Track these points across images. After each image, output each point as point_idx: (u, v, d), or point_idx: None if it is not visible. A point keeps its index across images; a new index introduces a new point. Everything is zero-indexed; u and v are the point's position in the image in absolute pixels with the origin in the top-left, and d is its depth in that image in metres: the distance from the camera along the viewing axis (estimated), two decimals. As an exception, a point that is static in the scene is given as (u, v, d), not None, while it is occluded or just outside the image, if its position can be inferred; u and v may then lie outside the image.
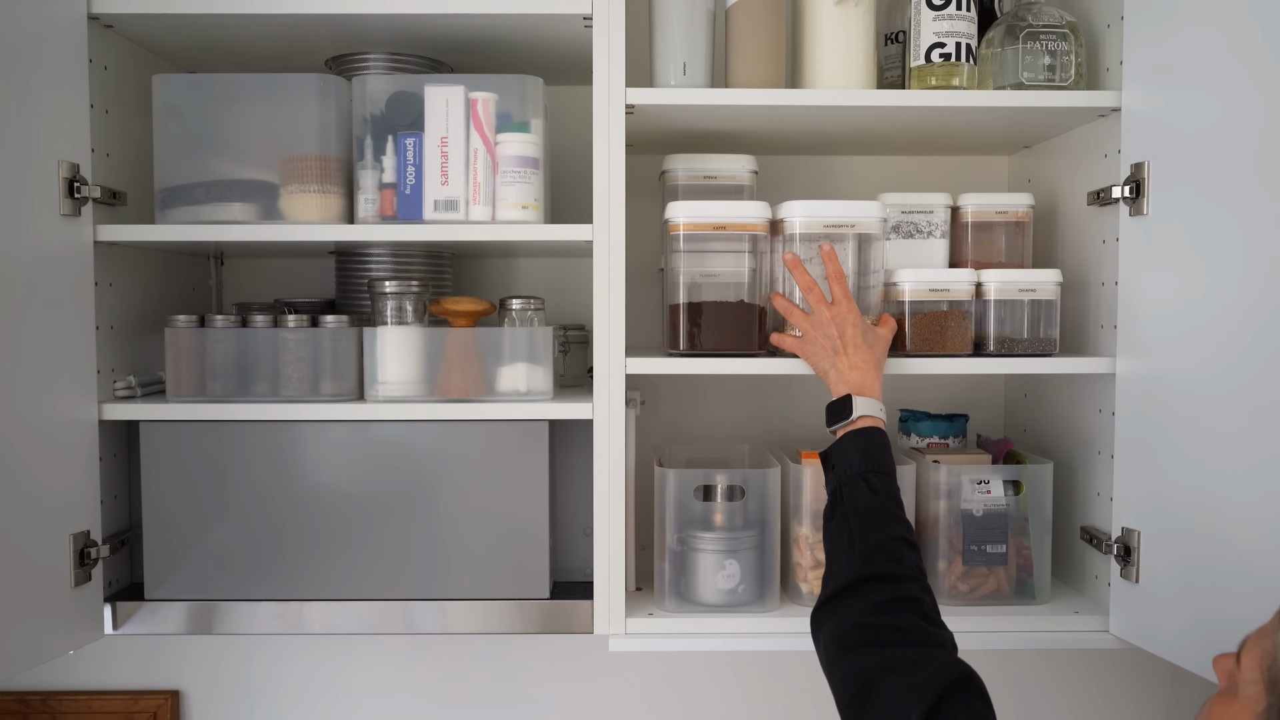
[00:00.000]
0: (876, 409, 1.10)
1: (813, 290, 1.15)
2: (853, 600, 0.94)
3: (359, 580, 1.22)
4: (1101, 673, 1.59)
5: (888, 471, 1.05)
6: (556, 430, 1.24)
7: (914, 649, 0.89)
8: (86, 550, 1.16)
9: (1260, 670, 0.70)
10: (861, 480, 1.03)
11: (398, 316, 1.23)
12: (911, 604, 0.93)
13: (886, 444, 1.08)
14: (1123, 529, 1.19)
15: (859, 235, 1.22)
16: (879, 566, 0.96)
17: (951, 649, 0.91)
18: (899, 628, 0.91)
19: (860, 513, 1.01)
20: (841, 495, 1.04)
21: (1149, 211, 1.14)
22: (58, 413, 1.12)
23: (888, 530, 0.99)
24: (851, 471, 1.05)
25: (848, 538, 1.00)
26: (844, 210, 1.21)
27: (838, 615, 0.94)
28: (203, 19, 1.19)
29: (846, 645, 0.92)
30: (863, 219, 1.21)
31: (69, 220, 1.13)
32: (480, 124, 1.19)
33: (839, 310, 1.14)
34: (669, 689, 1.59)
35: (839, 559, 1.00)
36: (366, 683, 1.59)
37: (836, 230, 1.21)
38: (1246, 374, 0.99)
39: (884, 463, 1.05)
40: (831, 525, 1.04)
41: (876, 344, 1.15)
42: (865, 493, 1.02)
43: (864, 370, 1.12)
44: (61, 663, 1.56)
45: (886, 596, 0.93)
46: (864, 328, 1.14)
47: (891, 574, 0.95)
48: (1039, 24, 1.23)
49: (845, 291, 1.15)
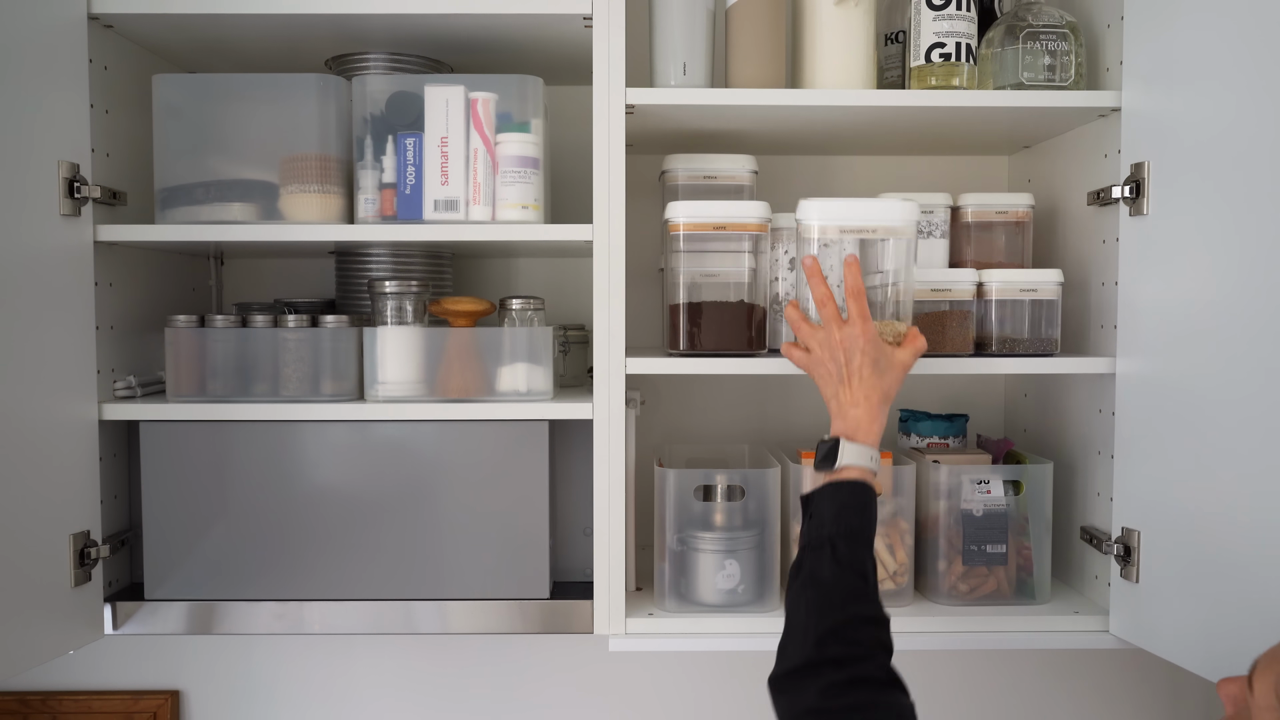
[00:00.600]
0: (866, 458, 1.01)
1: (827, 304, 1.06)
2: (806, 683, 0.90)
3: (359, 580, 1.22)
4: (1101, 673, 1.59)
5: (858, 536, 0.97)
6: (556, 430, 1.24)
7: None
8: (86, 550, 1.16)
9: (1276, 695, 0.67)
10: (828, 546, 0.96)
11: (398, 316, 1.23)
12: (865, 684, 0.89)
13: (867, 502, 1.00)
14: (1123, 529, 1.19)
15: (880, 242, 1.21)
16: (832, 650, 0.90)
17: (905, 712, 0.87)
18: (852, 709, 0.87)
19: (820, 586, 0.95)
20: (805, 559, 0.98)
21: (1149, 211, 1.14)
22: (58, 413, 1.12)
23: (846, 610, 0.93)
24: (821, 534, 0.97)
25: (804, 612, 0.94)
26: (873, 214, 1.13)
27: (789, 695, 0.91)
28: (203, 19, 1.19)
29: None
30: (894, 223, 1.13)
31: (69, 220, 1.13)
32: (480, 124, 1.19)
33: (851, 332, 1.04)
34: (669, 689, 1.59)
35: (795, 631, 0.95)
36: (366, 683, 1.59)
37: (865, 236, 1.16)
38: (1247, 374, 0.99)
39: (856, 525, 0.98)
40: (793, 587, 0.97)
41: (889, 372, 1.05)
42: (829, 562, 0.95)
43: (866, 406, 1.03)
44: (61, 663, 1.56)
45: (839, 679, 0.89)
46: (876, 354, 1.04)
47: (846, 656, 0.90)
48: (1039, 24, 1.23)
49: (862, 309, 1.05)
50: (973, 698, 1.59)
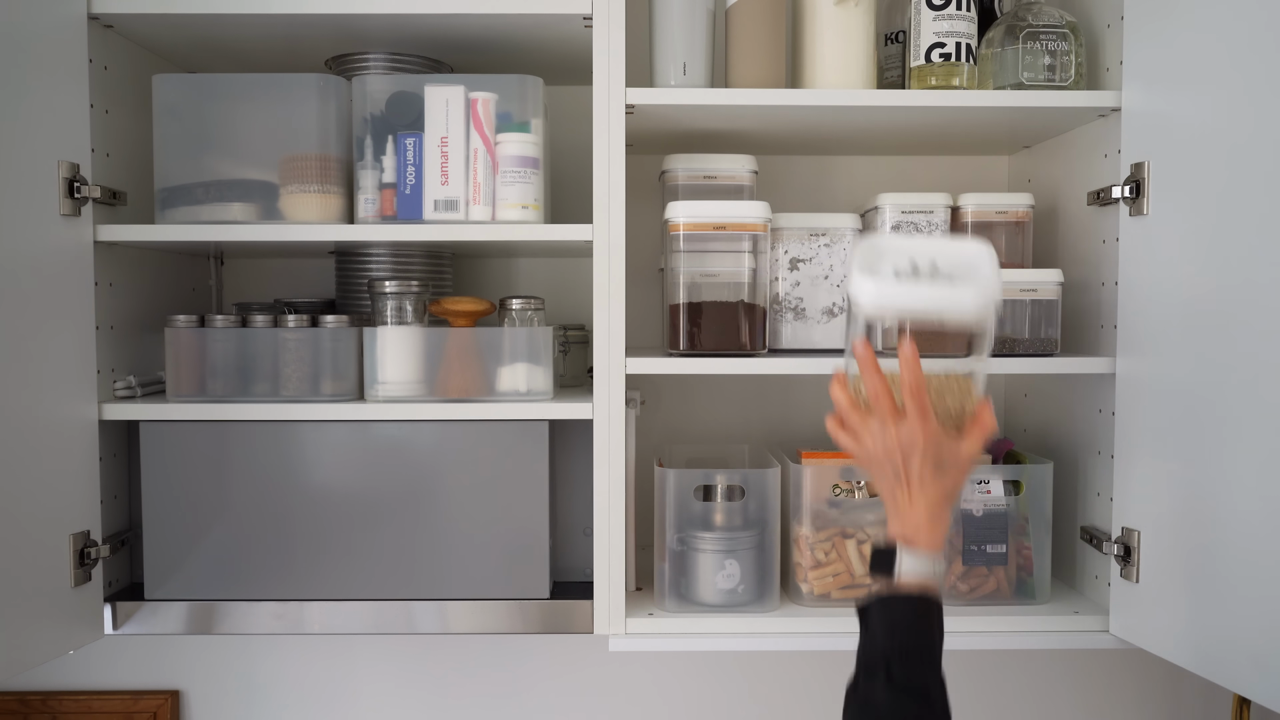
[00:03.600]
0: (928, 568, 0.92)
1: (881, 400, 0.93)
2: None
3: (359, 580, 1.22)
4: (1101, 673, 1.59)
5: (916, 655, 0.89)
6: (556, 430, 1.24)
7: None
8: (86, 550, 1.16)
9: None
10: (883, 670, 0.89)
11: (398, 316, 1.23)
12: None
13: (927, 617, 0.91)
14: (1123, 529, 1.19)
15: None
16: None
17: None
18: None
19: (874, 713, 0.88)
20: (860, 682, 0.91)
21: (1149, 211, 1.14)
22: (58, 413, 1.12)
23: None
24: (875, 655, 0.90)
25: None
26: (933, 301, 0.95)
27: None
28: (203, 19, 1.19)
29: None
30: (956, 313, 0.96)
31: (69, 220, 1.13)
32: (480, 124, 1.19)
33: (909, 430, 0.92)
34: (669, 689, 1.59)
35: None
36: (366, 683, 1.59)
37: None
38: (1247, 374, 0.99)
39: (913, 644, 0.89)
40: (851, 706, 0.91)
41: (953, 469, 0.93)
42: (883, 688, 0.88)
43: (926, 508, 0.92)
44: (61, 663, 1.56)
45: None
46: (939, 451, 0.92)
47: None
48: (1039, 24, 1.23)
49: (923, 405, 0.92)
50: (973, 698, 1.59)
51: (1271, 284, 0.96)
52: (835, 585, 1.26)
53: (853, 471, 1.26)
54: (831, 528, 1.26)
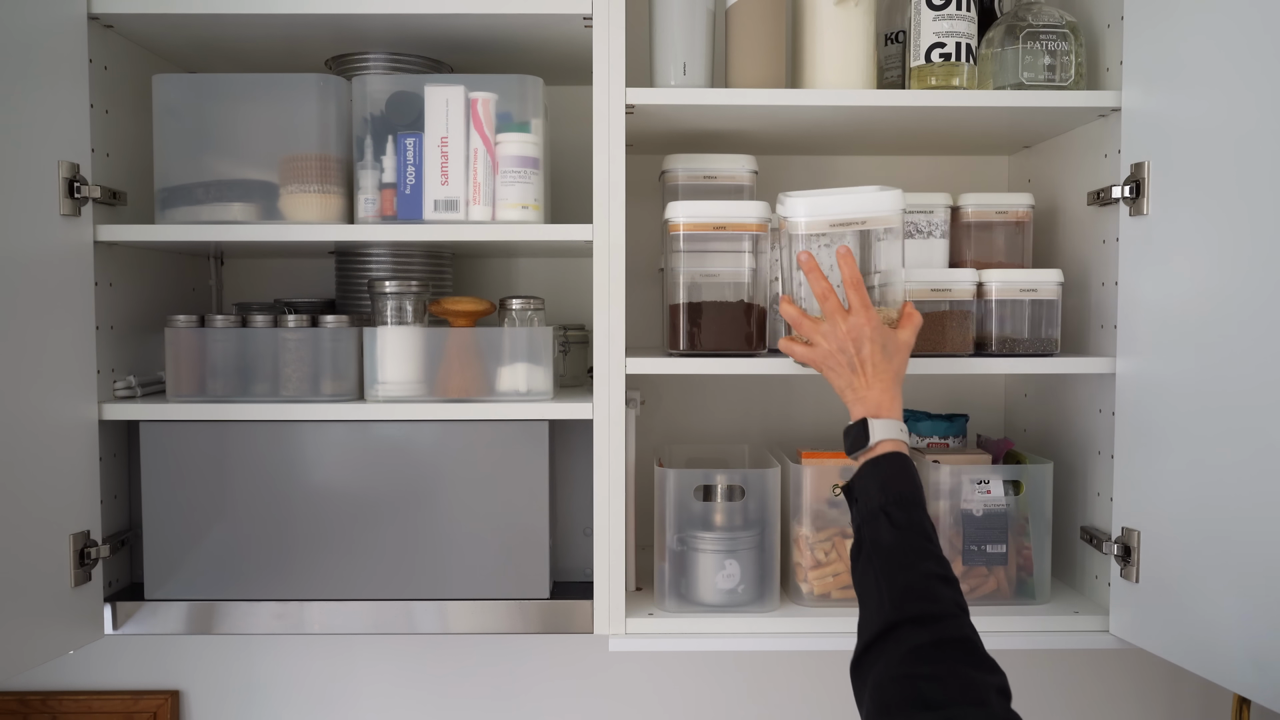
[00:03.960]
0: (897, 430, 1.03)
1: (829, 298, 1.07)
2: (890, 648, 0.86)
3: (359, 580, 1.22)
4: (1101, 673, 1.59)
5: (911, 501, 0.97)
6: (556, 430, 1.24)
7: (955, 707, 0.79)
8: (86, 550, 1.16)
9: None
10: (882, 514, 0.96)
11: (398, 316, 1.23)
12: (952, 647, 0.85)
13: (909, 469, 1.00)
14: (1123, 529, 1.19)
15: (859, 234, 1.21)
16: (911, 608, 0.88)
17: (998, 696, 0.81)
18: (940, 678, 0.82)
19: (884, 551, 0.94)
20: (864, 534, 0.97)
21: (1149, 211, 1.14)
22: (58, 413, 1.12)
23: (917, 569, 0.91)
24: (872, 506, 0.97)
25: (874, 579, 0.92)
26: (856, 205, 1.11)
27: (876, 666, 0.86)
28: (203, 19, 1.19)
29: (883, 704, 0.82)
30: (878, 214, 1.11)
31: (69, 220, 1.13)
32: (480, 124, 1.19)
33: (856, 322, 1.05)
34: (669, 689, 1.59)
35: (869, 603, 0.92)
36: (366, 683, 1.59)
37: (850, 229, 1.19)
38: (1247, 373, 0.99)
39: (906, 492, 0.98)
40: (858, 566, 0.96)
41: (897, 354, 1.07)
42: (887, 528, 0.95)
43: (882, 388, 1.04)
44: (61, 663, 1.56)
45: (924, 640, 0.85)
46: (883, 339, 1.06)
47: (926, 614, 0.87)
48: (1039, 24, 1.23)
49: (864, 299, 1.06)
50: (973, 698, 1.59)
51: (1272, 283, 0.96)
52: (835, 585, 1.26)
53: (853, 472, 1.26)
54: (831, 528, 1.26)
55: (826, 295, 1.07)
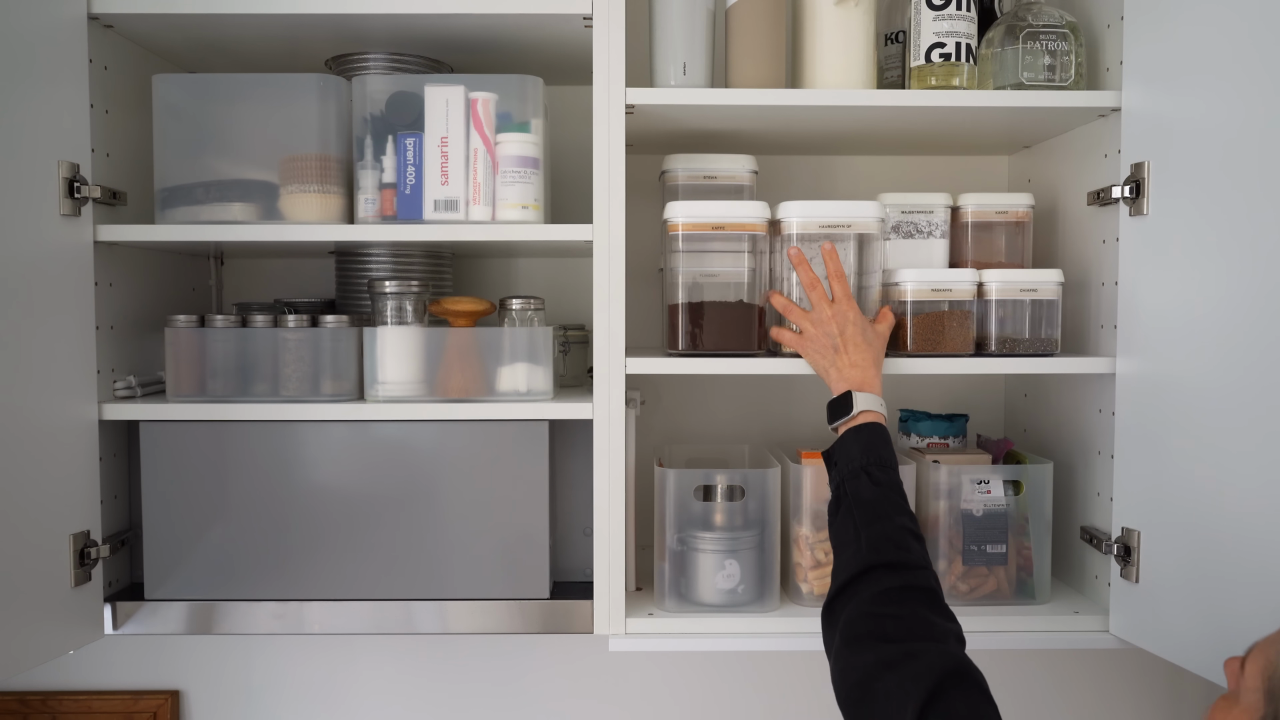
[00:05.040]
0: (877, 404, 1.11)
1: (815, 287, 1.17)
2: (861, 588, 0.95)
3: (359, 580, 1.22)
4: (1101, 673, 1.59)
5: (890, 465, 1.06)
6: (556, 430, 1.24)
7: (914, 643, 0.88)
8: (86, 550, 1.16)
9: (1261, 679, 0.72)
10: (864, 473, 1.04)
11: (398, 316, 1.23)
12: (918, 593, 0.93)
13: (887, 438, 1.09)
14: (1123, 529, 1.19)
15: (858, 235, 1.22)
16: (886, 554, 0.96)
17: (956, 642, 0.90)
18: (901, 618, 0.91)
19: (864, 504, 1.02)
20: (845, 489, 1.05)
21: (1149, 211, 1.14)
22: (58, 413, 1.12)
23: (893, 520, 1.00)
24: (854, 466, 1.06)
25: (853, 529, 1.00)
26: (842, 210, 1.21)
27: (848, 606, 0.94)
28: (203, 19, 1.19)
29: (850, 636, 0.91)
30: (860, 219, 1.21)
31: (69, 220, 1.13)
32: (480, 124, 1.19)
33: (840, 308, 1.15)
34: (669, 689, 1.59)
35: (846, 550, 1.00)
36: (366, 683, 1.59)
37: (835, 230, 1.21)
38: (1246, 373, 0.99)
39: (886, 456, 1.06)
40: (836, 520, 1.04)
41: (875, 341, 1.16)
42: (868, 485, 1.03)
43: (863, 367, 1.13)
44: (61, 663, 1.56)
45: (894, 584, 0.94)
46: (864, 325, 1.15)
47: (899, 561, 0.96)
48: (1039, 24, 1.23)
49: (846, 290, 1.17)
50: (973, 698, 1.59)
51: (1272, 283, 0.96)
52: (835, 585, 1.26)
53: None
54: (831, 528, 1.26)
55: (814, 284, 1.17)
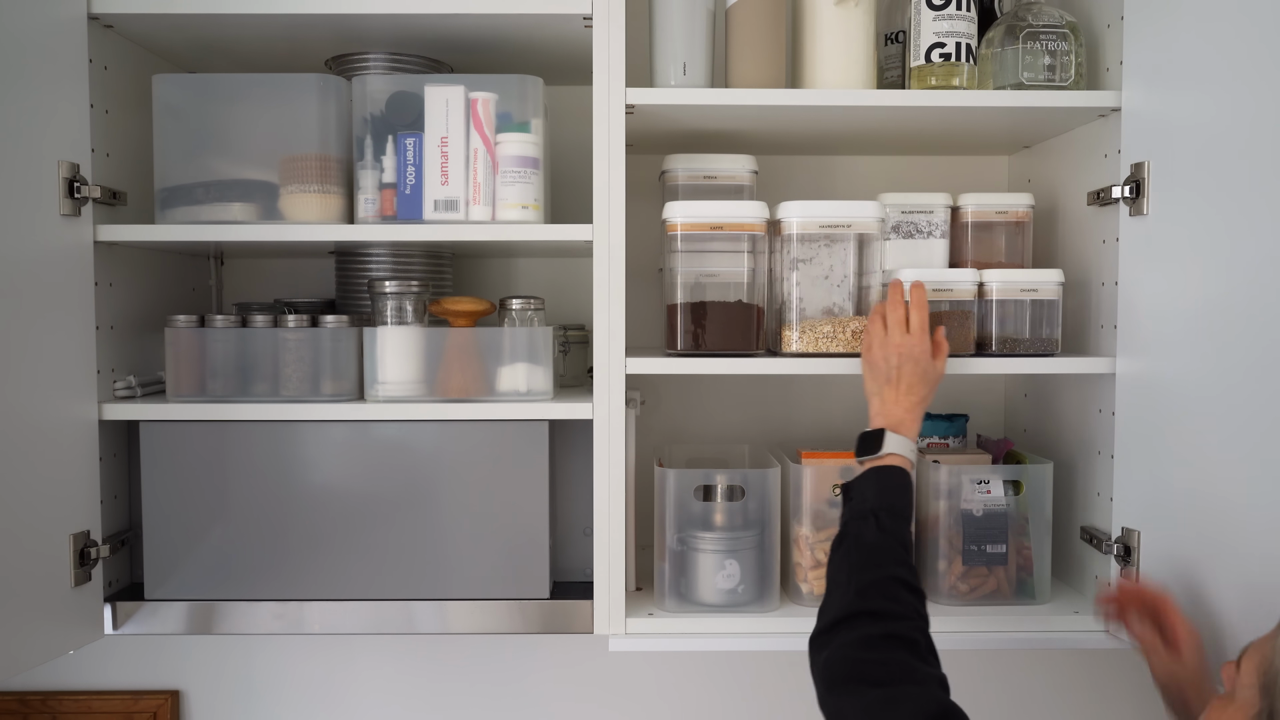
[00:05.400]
0: (908, 449, 1.09)
1: (897, 309, 1.15)
2: (844, 633, 0.94)
3: (359, 580, 1.22)
4: (1101, 673, 1.59)
5: (901, 514, 1.04)
6: (556, 430, 1.24)
7: (896, 687, 0.87)
8: (86, 550, 1.16)
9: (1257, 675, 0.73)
10: (872, 517, 1.02)
11: (398, 316, 1.23)
12: (901, 642, 0.92)
13: (908, 486, 1.06)
14: (1123, 529, 1.19)
15: (858, 235, 1.22)
16: (872, 603, 0.95)
17: (939, 687, 0.89)
18: (885, 663, 0.89)
19: (864, 548, 1.00)
20: (849, 529, 1.03)
21: (1149, 211, 1.14)
22: (58, 413, 1.12)
23: (886, 570, 0.98)
24: (865, 507, 1.04)
25: (847, 571, 0.99)
26: (842, 210, 1.21)
27: (829, 648, 0.93)
28: (203, 19, 1.19)
29: (831, 679, 0.91)
30: (860, 219, 1.21)
31: (69, 220, 1.13)
32: (480, 124, 1.19)
33: (908, 341, 1.13)
34: (669, 689, 1.59)
35: (835, 592, 0.99)
36: (366, 683, 1.59)
37: (835, 230, 1.21)
38: (1246, 374, 0.99)
39: (899, 504, 1.04)
40: (835, 556, 1.03)
41: (930, 380, 1.13)
42: (873, 530, 1.01)
43: (906, 408, 1.11)
44: (61, 663, 1.56)
45: (875, 632, 0.92)
46: (925, 366, 1.13)
47: (884, 611, 0.94)
48: (1039, 24, 1.23)
49: (922, 322, 1.14)
50: (973, 697, 1.59)
51: (1272, 283, 0.96)
52: (835, 585, 1.26)
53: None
54: (831, 528, 1.26)
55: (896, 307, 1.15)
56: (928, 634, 0.95)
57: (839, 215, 1.21)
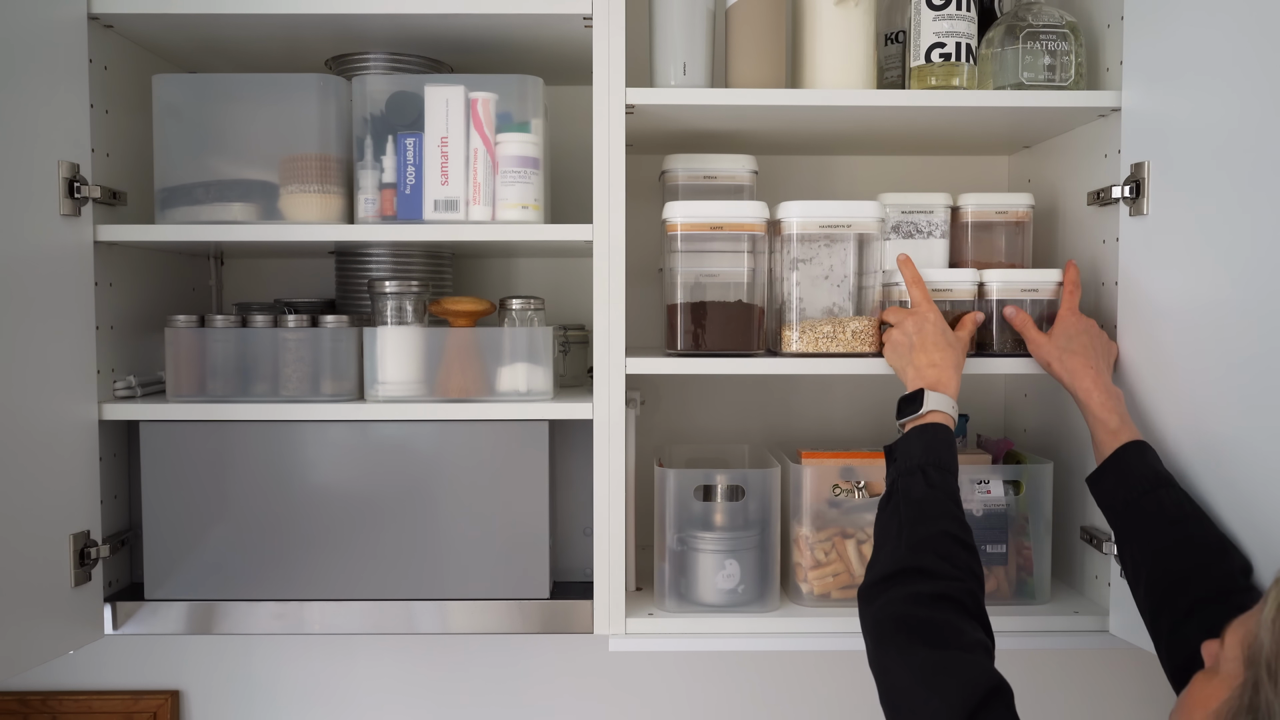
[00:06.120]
0: (949, 406, 1.08)
1: (918, 284, 1.18)
2: (893, 589, 0.93)
3: (359, 580, 1.22)
4: (1101, 673, 1.59)
5: (948, 468, 1.03)
6: (556, 430, 1.24)
7: (945, 651, 0.86)
8: (86, 550, 1.16)
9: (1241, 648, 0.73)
10: (920, 472, 1.01)
11: (398, 316, 1.23)
12: (951, 602, 0.91)
13: (952, 441, 1.06)
14: (1123, 529, 1.18)
15: (858, 235, 1.22)
16: (924, 559, 0.94)
17: (986, 654, 0.88)
18: (934, 624, 0.89)
19: (913, 503, 0.99)
20: (897, 485, 1.02)
21: (1149, 211, 1.14)
22: (58, 413, 1.12)
23: (939, 524, 0.97)
24: (912, 463, 1.03)
25: (897, 525, 0.98)
26: (842, 210, 1.21)
27: (877, 603, 0.93)
28: (203, 19, 1.19)
29: (880, 636, 0.91)
30: (860, 219, 1.21)
31: (69, 220, 1.13)
32: (480, 124, 1.19)
33: (919, 311, 1.16)
34: (669, 689, 1.59)
35: (886, 545, 0.98)
36: (366, 683, 1.59)
37: (835, 230, 1.21)
38: (1246, 374, 0.99)
39: (946, 459, 1.03)
40: (884, 514, 1.02)
41: (956, 344, 1.14)
42: (922, 484, 1.00)
43: (942, 367, 1.11)
44: (61, 663, 1.56)
45: (925, 590, 0.91)
46: (943, 328, 1.14)
47: (936, 570, 0.93)
48: (1039, 24, 1.23)
49: (924, 295, 1.18)
50: (973, 698, 1.59)
51: (1272, 283, 0.96)
52: (835, 585, 1.26)
53: (853, 472, 1.26)
54: (831, 528, 1.26)
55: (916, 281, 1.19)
56: (977, 595, 0.94)
57: (839, 215, 1.21)
